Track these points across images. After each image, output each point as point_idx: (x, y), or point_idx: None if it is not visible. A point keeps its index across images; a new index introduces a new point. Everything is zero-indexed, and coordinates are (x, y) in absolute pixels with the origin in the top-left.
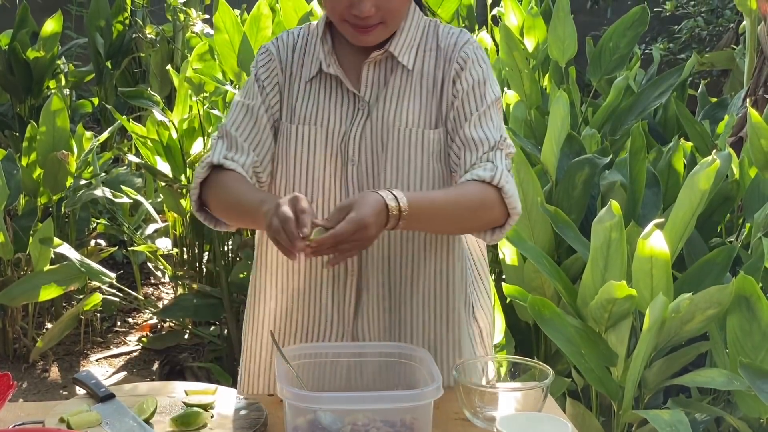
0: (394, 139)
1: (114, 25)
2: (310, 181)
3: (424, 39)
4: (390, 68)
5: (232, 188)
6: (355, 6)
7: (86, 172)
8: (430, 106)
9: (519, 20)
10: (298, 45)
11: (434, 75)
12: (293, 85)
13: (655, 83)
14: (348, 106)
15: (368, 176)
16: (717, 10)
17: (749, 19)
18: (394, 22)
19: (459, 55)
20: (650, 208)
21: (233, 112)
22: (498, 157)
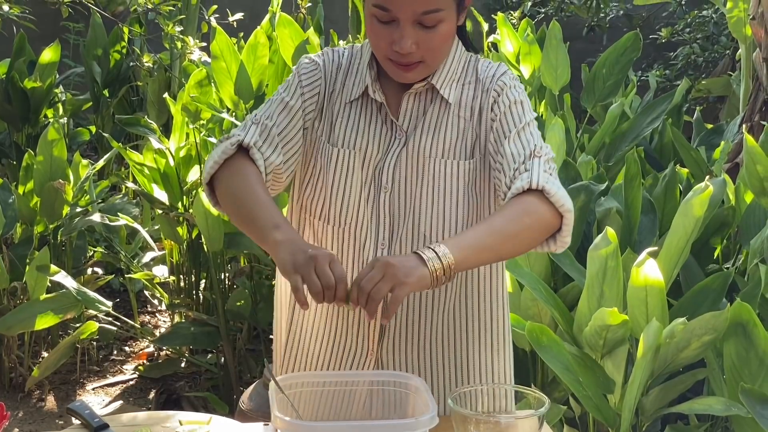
0: (429, 169)
1: (111, 53)
2: (345, 204)
3: (464, 73)
4: (430, 99)
5: (248, 183)
6: (396, 43)
7: (83, 200)
8: (466, 136)
9: (515, 47)
10: (343, 64)
11: (471, 105)
12: (334, 103)
13: (647, 109)
14: (386, 133)
15: (401, 204)
16: (712, 36)
17: (744, 46)
18: (435, 62)
19: (496, 83)
20: (646, 234)
21: (270, 105)
22: (535, 164)
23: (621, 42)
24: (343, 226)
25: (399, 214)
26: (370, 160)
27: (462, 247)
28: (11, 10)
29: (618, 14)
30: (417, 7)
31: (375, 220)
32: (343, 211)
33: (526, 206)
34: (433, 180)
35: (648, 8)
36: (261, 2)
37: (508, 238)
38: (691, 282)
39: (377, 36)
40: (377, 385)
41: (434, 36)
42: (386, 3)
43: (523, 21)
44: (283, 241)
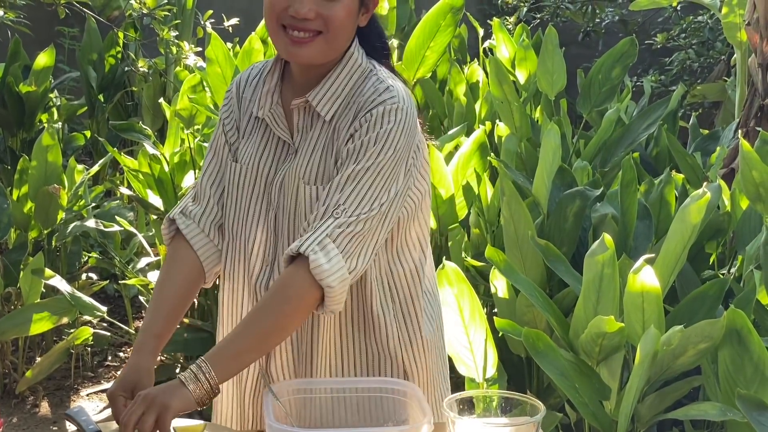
0: (302, 193)
1: (106, 58)
2: (241, 220)
3: (351, 91)
4: (313, 116)
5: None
6: (292, 6)
7: (77, 205)
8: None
9: (510, 52)
10: (255, 81)
11: (345, 128)
12: (244, 117)
13: (643, 115)
14: (279, 150)
15: (283, 224)
16: (708, 42)
17: (740, 52)
18: (333, 37)
19: (365, 114)
20: (642, 240)
21: (206, 158)
22: (324, 225)
23: (617, 48)
24: (236, 241)
25: (282, 232)
26: (261, 177)
27: (223, 360)
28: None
29: (613, 19)
30: None
31: (265, 238)
32: (236, 226)
33: (286, 291)
34: (303, 204)
35: (643, 13)
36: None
37: (270, 332)
38: (687, 288)
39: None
40: (372, 392)
41: (335, 6)
42: None
43: (519, 26)
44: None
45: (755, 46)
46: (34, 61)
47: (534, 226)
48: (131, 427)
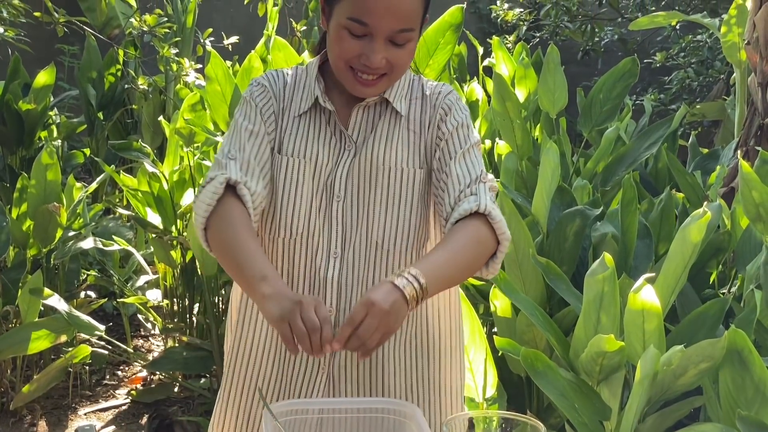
0: (383, 177)
1: (106, 76)
2: (295, 214)
3: (411, 89)
4: (379, 113)
5: (236, 235)
6: (366, 56)
7: (76, 224)
8: (417, 147)
9: (510, 71)
10: (288, 82)
11: (420, 120)
12: (284, 118)
13: (645, 134)
14: (335, 144)
15: (353, 213)
16: (707, 61)
17: (739, 71)
18: (397, 77)
19: (444, 101)
20: (642, 259)
21: (237, 137)
22: (481, 189)
23: (618, 67)
24: (294, 236)
25: (352, 223)
26: (321, 169)
27: (433, 275)
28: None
29: (613, 38)
30: (395, 24)
31: (327, 230)
32: (294, 220)
33: (477, 235)
34: (387, 187)
35: (643, 33)
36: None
37: (466, 267)
38: (687, 308)
39: (346, 47)
40: (371, 413)
41: (402, 53)
42: (365, 18)
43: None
44: (271, 295)
45: (755, 66)
46: (34, 79)
47: (534, 244)
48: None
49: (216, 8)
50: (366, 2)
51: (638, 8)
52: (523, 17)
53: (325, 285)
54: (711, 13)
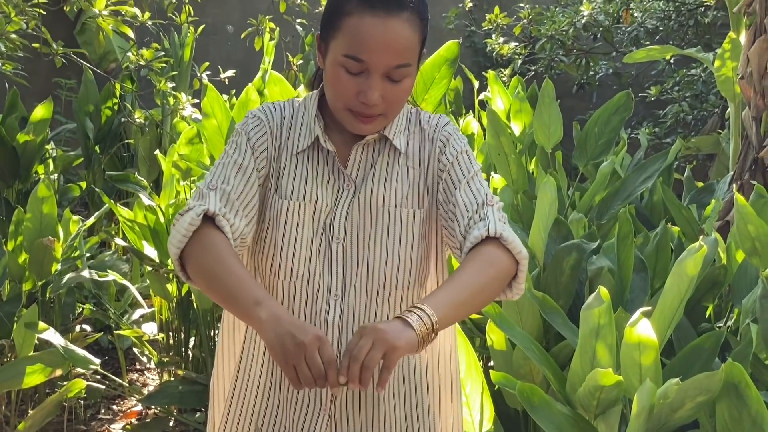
0: (383, 218)
1: (103, 110)
2: (295, 257)
3: (409, 124)
4: (378, 150)
5: (220, 259)
6: (363, 93)
7: (72, 257)
8: (416, 185)
9: (506, 104)
10: (286, 117)
11: (420, 155)
12: (281, 156)
13: (640, 168)
14: (334, 183)
15: (353, 254)
16: (701, 95)
17: (733, 105)
18: (394, 114)
19: (441, 134)
20: (638, 293)
21: (223, 169)
22: (489, 212)
23: (613, 101)
24: (295, 279)
25: (352, 265)
26: (321, 210)
27: (442, 307)
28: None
29: (607, 72)
30: (391, 60)
31: (327, 272)
32: (294, 263)
33: (488, 257)
34: (387, 228)
35: (637, 66)
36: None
37: (479, 292)
38: (684, 341)
39: (343, 86)
40: None
41: (399, 90)
42: (361, 54)
43: (514, 79)
44: (268, 320)
45: (749, 100)
46: (31, 113)
47: (530, 278)
48: (360, 360)
49: (213, 42)
50: (362, 38)
51: (632, 42)
52: (518, 51)
53: (326, 327)
54: (705, 47)
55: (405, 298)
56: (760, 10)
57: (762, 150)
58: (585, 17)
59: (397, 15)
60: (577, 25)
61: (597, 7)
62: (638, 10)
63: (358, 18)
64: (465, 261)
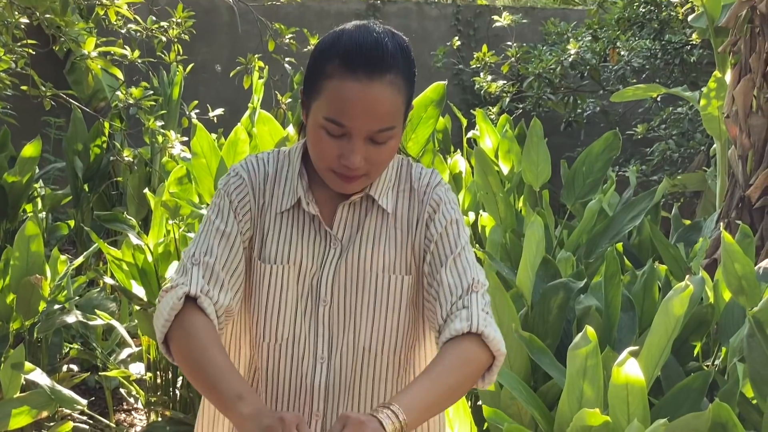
0: (370, 283)
1: (92, 148)
2: (281, 320)
3: (398, 179)
4: (365, 209)
5: (204, 351)
6: (345, 157)
7: (60, 296)
8: (404, 249)
9: (494, 143)
10: (270, 173)
11: (408, 217)
12: (265, 216)
13: (628, 207)
14: (320, 243)
15: (340, 318)
16: (688, 133)
17: (719, 143)
18: (379, 173)
19: (432, 197)
20: (626, 332)
21: (206, 237)
22: (473, 300)
23: (600, 141)
24: (280, 342)
25: (338, 328)
26: (306, 273)
27: (413, 409)
28: None
29: (595, 110)
30: (374, 125)
31: (313, 335)
32: (280, 326)
33: (467, 355)
34: (375, 293)
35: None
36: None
37: (453, 391)
38: (671, 381)
39: (325, 148)
40: None
41: (383, 151)
42: (343, 119)
43: (502, 117)
44: (251, 415)
45: (734, 138)
46: (20, 151)
47: (518, 317)
48: None
49: (202, 81)
50: (343, 103)
51: (619, 81)
52: (506, 89)
53: (312, 390)
54: (691, 85)
55: (392, 362)
56: (744, 49)
57: (748, 188)
58: (572, 56)
59: (380, 79)
60: (564, 64)
61: (584, 46)
62: (625, 48)
63: (339, 82)
64: (443, 354)
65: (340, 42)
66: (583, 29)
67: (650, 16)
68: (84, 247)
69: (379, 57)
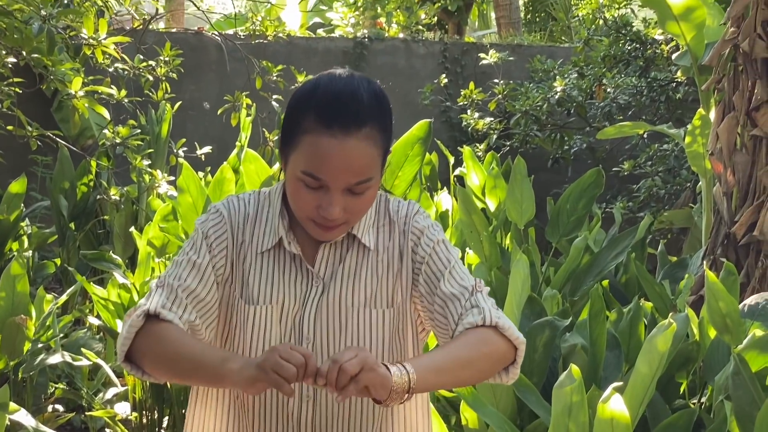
0: (352, 319)
1: (78, 186)
2: None
3: (377, 216)
4: (347, 246)
5: (175, 341)
6: (324, 209)
7: (45, 336)
8: (386, 282)
9: (481, 180)
10: (250, 213)
11: (390, 250)
12: (245, 255)
13: (611, 244)
14: (302, 282)
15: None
16: (674, 169)
17: (704, 179)
18: (358, 220)
19: (413, 225)
20: (612, 370)
21: (178, 266)
22: (480, 299)
23: (584, 178)
24: None
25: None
26: (289, 311)
27: (422, 369)
28: None
29: (581, 147)
30: (351, 178)
31: None
32: None
33: (482, 336)
34: (357, 329)
35: (611, 141)
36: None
37: (466, 364)
38: (657, 419)
39: (303, 200)
40: None
41: (361, 201)
42: (319, 173)
43: (489, 154)
44: (242, 365)
45: (719, 175)
46: (6, 190)
47: None
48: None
49: (190, 118)
50: (319, 158)
51: (605, 117)
52: (493, 126)
53: (299, 428)
54: (677, 122)
55: None
56: (728, 87)
57: (734, 225)
58: (558, 93)
59: (355, 133)
60: (551, 101)
61: (570, 83)
62: (611, 86)
63: (314, 137)
64: (457, 336)
65: (315, 95)
66: (570, 66)
67: (636, 54)
68: (70, 286)
69: (354, 111)
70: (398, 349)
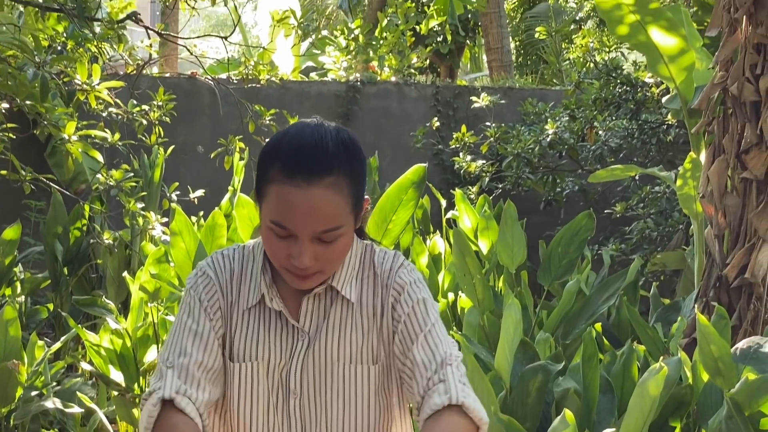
0: (338, 374)
1: (72, 231)
2: (253, 415)
3: (362, 267)
4: (330, 299)
5: None
6: (295, 257)
7: (37, 382)
8: (371, 338)
9: (473, 223)
10: (235, 270)
11: (373, 304)
12: (232, 314)
13: (603, 287)
14: (287, 337)
15: (311, 409)
16: (665, 212)
17: (696, 222)
18: (333, 269)
19: (395, 280)
20: (605, 414)
21: (179, 338)
22: (449, 372)
23: (575, 222)
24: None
25: (311, 419)
26: (275, 367)
27: None
28: None
29: (574, 189)
30: (318, 227)
31: (287, 426)
32: (253, 421)
33: (450, 428)
34: (343, 384)
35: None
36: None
37: None
38: None
39: (274, 248)
40: None
41: (333, 249)
42: (286, 223)
43: (481, 197)
44: None
45: (710, 218)
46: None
47: (497, 400)
48: None
49: (183, 162)
50: (285, 208)
51: (597, 160)
52: (485, 169)
53: None
54: (668, 164)
55: None
56: (717, 130)
57: (725, 267)
58: (550, 135)
59: (319, 183)
60: (542, 143)
61: (562, 126)
62: (602, 128)
63: (280, 186)
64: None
65: (281, 145)
66: (561, 109)
67: (626, 97)
68: (63, 331)
69: (318, 160)
70: (384, 405)
